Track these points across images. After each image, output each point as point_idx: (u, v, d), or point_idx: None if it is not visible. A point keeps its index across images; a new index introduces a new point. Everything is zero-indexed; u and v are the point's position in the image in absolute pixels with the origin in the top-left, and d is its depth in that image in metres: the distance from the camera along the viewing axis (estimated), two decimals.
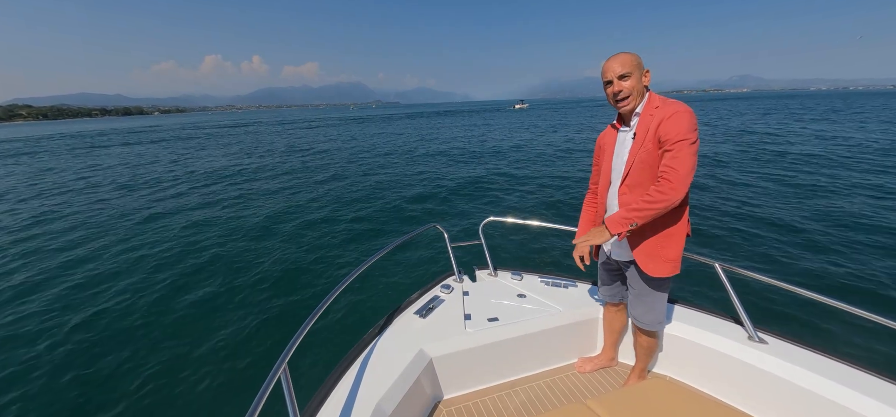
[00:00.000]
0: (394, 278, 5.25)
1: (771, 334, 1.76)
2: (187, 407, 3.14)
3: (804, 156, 12.67)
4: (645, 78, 1.53)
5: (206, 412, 3.11)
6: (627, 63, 1.50)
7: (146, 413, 3.08)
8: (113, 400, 3.21)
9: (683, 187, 1.38)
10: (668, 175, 1.39)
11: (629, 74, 1.50)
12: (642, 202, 1.43)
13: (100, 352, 3.81)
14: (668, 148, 1.40)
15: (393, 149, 19.78)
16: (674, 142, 1.38)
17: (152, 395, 3.25)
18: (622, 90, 1.51)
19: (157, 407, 3.13)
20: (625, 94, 1.52)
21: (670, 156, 1.39)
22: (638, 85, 1.51)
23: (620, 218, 1.48)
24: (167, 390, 3.30)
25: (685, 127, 1.38)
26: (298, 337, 1.36)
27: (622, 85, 1.51)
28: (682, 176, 1.37)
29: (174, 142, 28.95)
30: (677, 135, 1.38)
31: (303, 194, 10.45)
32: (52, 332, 4.15)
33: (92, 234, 7.49)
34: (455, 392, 1.88)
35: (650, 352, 1.83)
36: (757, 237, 6.25)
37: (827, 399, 1.44)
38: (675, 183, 1.37)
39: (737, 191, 8.82)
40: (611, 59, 1.54)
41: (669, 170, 1.38)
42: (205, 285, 5.13)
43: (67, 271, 5.74)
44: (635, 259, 1.60)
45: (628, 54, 1.52)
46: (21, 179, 14.78)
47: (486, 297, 2.25)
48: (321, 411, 1.39)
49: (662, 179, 1.40)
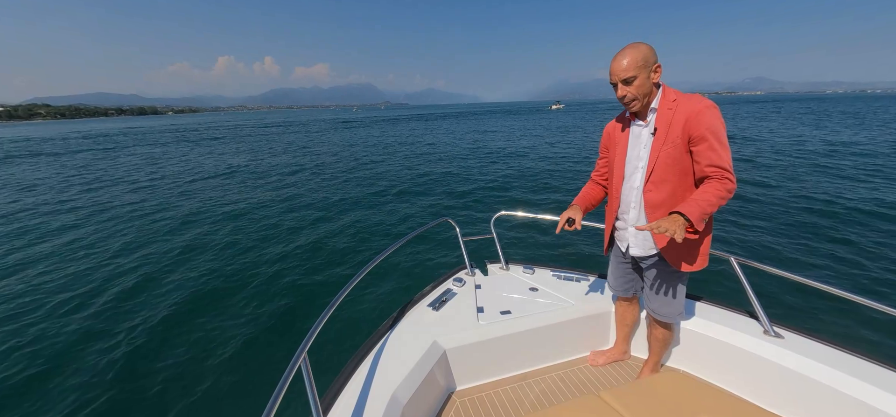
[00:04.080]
0: (406, 271, 5.31)
1: (787, 328, 1.74)
2: (211, 395, 3.23)
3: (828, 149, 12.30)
4: (654, 74, 1.44)
5: (229, 399, 3.20)
6: (631, 65, 1.42)
7: (170, 403, 3.16)
8: (137, 390, 3.29)
9: (734, 176, 1.39)
10: (719, 174, 1.38)
11: (634, 77, 1.43)
12: (713, 198, 1.38)
13: (122, 344, 3.92)
14: (705, 145, 1.38)
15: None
16: (711, 137, 1.37)
17: (175, 385, 3.34)
18: (626, 95, 1.47)
19: (180, 397, 3.21)
20: (630, 99, 1.48)
21: (713, 153, 1.38)
22: (645, 85, 1.45)
23: (699, 215, 1.37)
24: (190, 380, 3.39)
25: (716, 120, 1.38)
26: (317, 328, 1.38)
27: (627, 90, 1.46)
28: (730, 165, 1.38)
29: (210, 142, 29.08)
30: (711, 130, 1.37)
31: (329, 191, 10.57)
32: (52, 329, 4.29)
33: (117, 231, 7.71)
34: (468, 384, 1.90)
35: (665, 345, 1.82)
36: (773, 230, 6.14)
37: (846, 394, 1.42)
38: (730, 175, 1.37)
39: (754, 185, 8.65)
40: (616, 58, 1.46)
41: (717, 170, 1.38)
42: (223, 280, 5.25)
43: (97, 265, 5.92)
44: (664, 255, 1.57)
45: (634, 51, 1.43)
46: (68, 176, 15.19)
47: (498, 291, 2.26)
48: (339, 400, 1.42)
49: (719, 178, 1.38)
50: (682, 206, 1.39)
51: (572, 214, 1.79)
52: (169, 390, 3.29)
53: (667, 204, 1.51)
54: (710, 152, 1.38)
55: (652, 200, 1.54)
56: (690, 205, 1.37)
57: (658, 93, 1.50)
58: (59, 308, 4.62)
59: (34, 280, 5.39)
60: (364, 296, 4.55)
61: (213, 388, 3.29)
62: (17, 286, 5.20)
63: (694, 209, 1.36)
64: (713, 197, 1.38)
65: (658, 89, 1.50)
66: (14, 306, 4.66)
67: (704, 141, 1.38)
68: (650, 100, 1.50)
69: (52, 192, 11.68)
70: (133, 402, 3.19)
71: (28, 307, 4.64)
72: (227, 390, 3.28)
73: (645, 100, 1.49)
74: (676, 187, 1.49)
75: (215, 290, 4.96)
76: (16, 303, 4.72)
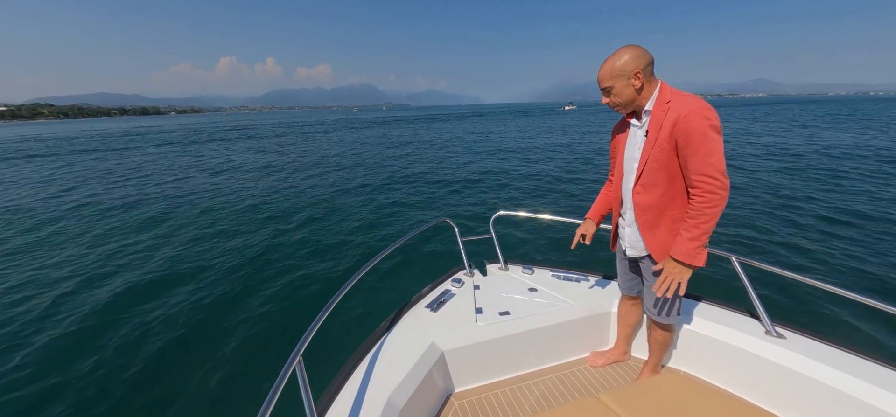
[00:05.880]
0: (405, 272, 5.28)
1: (789, 328, 1.73)
2: (202, 398, 3.18)
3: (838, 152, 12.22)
4: (634, 81, 1.41)
5: (222, 403, 3.16)
6: (606, 75, 1.45)
7: (160, 407, 3.11)
8: (126, 395, 3.24)
9: (725, 181, 1.32)
10: (704, 183, 1.32)
11: (611, 87, 1.45)
12: (699, 221, 1.35)
13: (119, 345, 3.90)
14: (690, 151, 1.33)
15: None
16: (697, 142, 1.31)
17: (167, 387, 3.30)
18: (609, 103, 1.50)
19: (172, 399, 3.18)
20: (613, 105, 1.50)
21: (697, 160, 1.32)
22: (623, 94, 1.45)
23: (693, 250, 1.38)
24: (182, 382, 3.35)
25: (703, 123, 1.31)
26: (312, 330, 1.37)
27: (606, 100, 1.50)
28: (719, 171, 1.31)
29: (207, 144, 29.22)
30: (699, 134, 1.31)
31: (326, 191, 10.56)
32: (52, 324, 4.28)
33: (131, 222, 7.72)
34: (466, 386, 1.89)
35: (665, 346, 1.80)
36: (775, 229, 6.11)
37: (849, 395, 1.40)
38: (715, 183, 1.31)
39: (756, 184, 8.62)
40: (600, 67, 1.49)
41: (703, 178, 1.32)
42: (218, 280, 5.22)
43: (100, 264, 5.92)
44: (651, 253, 1.57)
45: (612, 60, 1.44)
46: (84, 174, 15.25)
47: (497, 291, 2.25)
48: (334, 403, 1.41)
49: (706, 189, 1.33)
50: (672, 250, 1.45)
51: (584, 229, 1.91)
52: (159, 394, 3.23)
53: (655, 207, 1.50)
54: (694, 158, 1.33)
55: (640, 203, 1.54)
56: (679, 247, 1.42)
57: (655, 93, 1.46)
58: (53, 309, 4.59)
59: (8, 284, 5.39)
60: (361, 298, 4.51)
61: (203, 392, 3.23)
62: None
63: (681, 250, 1.41)
64: (700, 219, 1.36)
65: (654, 89, 1.46)
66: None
67: (690, 146, 1.33)
68: (643, 103, 1.48)
69: (38, 188, 11.72)
70: (122, 407, 3.12)
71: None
72: (219, 394, 3.22)
73: (631, 105, 1.49)
74: (666, 191, 1.47)
75: (207, 291, 4.90)
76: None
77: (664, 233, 1.52)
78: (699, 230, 1.36)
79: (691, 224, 1.38)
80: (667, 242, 1.52)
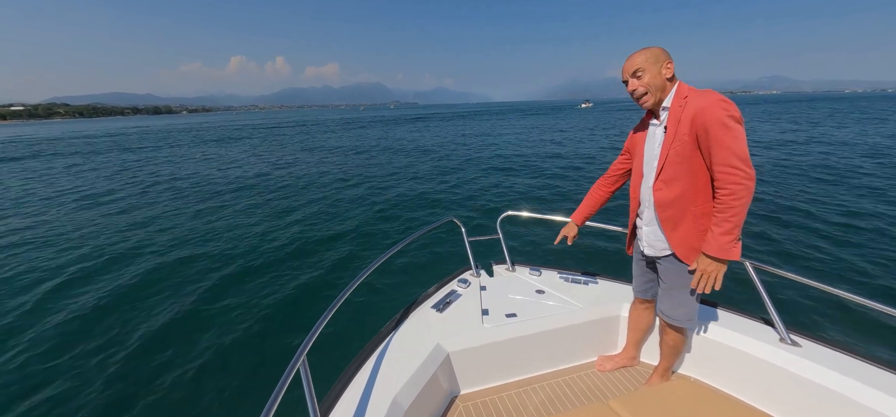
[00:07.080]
0: (410, 272, 5.27)
1: (804, 336, 1.68)
2: (204, 399, 3.18)
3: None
4: (665, 70, 1.47)
5: (225, 402, 3.16)
6: (641, 59, 1.48)
7: (161, 407, 3.11)
8: (128, 394, 3.24)
9: (750, 171, 1.30)
10: (729, 174, 1.31)
11: (643, 71, 1.48)
12: (729, 215, 1.34)
13: (119, 344, 3.95)
14: (713, 141, 1.33)
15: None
16: (717, 132, 1.32)
17: (170, 386, 3.30)
18: (637, 88, 1.50)
19: (175, 398, 3.18)
20: (640, 92, 1.50)
21: (722, 150, 1.31)
22: (656, 80, 1.47)
23: (727, 244, 1.36)
24: (185, 382, 3.34)
25: (722, 113, 1.32)
26: (317, 329, 1.37)
27: (636, 83, 1.50)
28: (743, 160, 1.30)
29: (220, 142, 29.65)
30: (719, 124, 1.31)
31: (332, 189, 10.63)
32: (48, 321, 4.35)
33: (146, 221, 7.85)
34: (472, 388, 1.87)
35: (676, 351, 1.77)
36: (790, 232, 5.98)
37: (866, 406, 1.36)
38: (739, 173, 1.30)
39: (773, 185, 8.45)
40: (628, 58, 1.53)
41: (727, 169, 1.31)
42: (221, 279, 5.26)
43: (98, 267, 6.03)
44: (676, 252, 1.54)
45: (645, 50, 1.49)
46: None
47: (504, 293, 2.23)
48: (339, 403, 1.40)
49: (732, 181, 1.31)
50: (705, 246, 1.42)
51: (567, 231, 2.07)
52: (161, 393, 3.22)
53: (677, 203, 1.49)
54: (719, 149, 1.33)
55: (661, 199, 1.53)
56: (711, 243, 1.39)
57: (672, 90, 1.49)
58: (49, 308, 4.63)
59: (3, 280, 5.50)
60: (367, 297, 4.52)
61: (206, 392, 3.23)
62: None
63: (714, 245, 1.38)
64: (728, 212, 1.34)
65: (673, 87, 1.49)
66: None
67: (711, 137, 1.34)
68: (663, 98, 1.50)
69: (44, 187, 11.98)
70: (124, 406, 3.12)
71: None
72: (222, 394, 3.22)
73: (657, 95, 1.50)
74: (687, 187, 1.46)
75: (210, 289, 4.93)
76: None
77: (688, 230, 1.50)
78: (730, 224, 1.35)
79: (721, 218, 1.37)
80: (691, 239, 1.50)
